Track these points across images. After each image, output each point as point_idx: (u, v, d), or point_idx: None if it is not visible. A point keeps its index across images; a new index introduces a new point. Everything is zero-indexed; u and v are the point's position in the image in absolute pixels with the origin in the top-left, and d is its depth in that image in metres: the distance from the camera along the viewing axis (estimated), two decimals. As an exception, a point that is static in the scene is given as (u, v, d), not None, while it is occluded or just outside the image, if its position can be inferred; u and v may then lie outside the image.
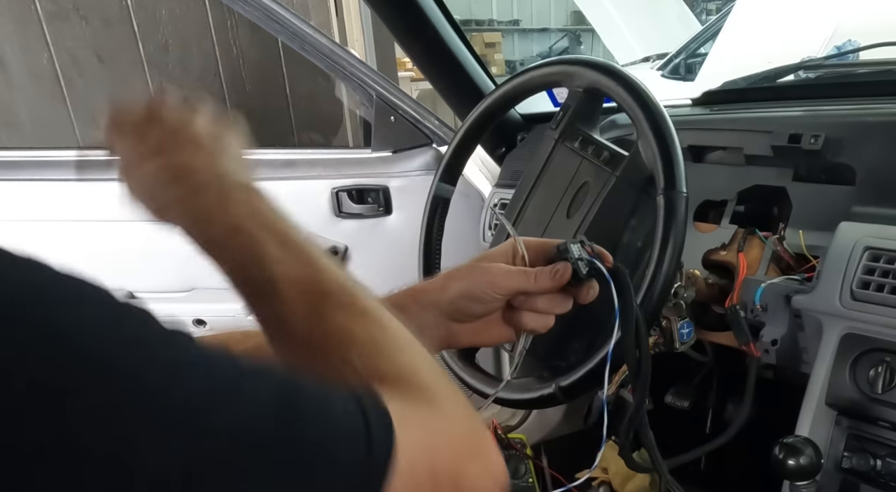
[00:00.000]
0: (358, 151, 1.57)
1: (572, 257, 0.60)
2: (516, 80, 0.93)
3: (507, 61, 9.61)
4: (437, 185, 1.00)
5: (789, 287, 0.89)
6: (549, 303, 0.62)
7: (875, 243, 0.83)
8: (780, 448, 0.75)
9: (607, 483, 1.22)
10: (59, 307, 0.29)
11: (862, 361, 0.81)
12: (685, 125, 1.09)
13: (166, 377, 0.30)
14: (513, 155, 1.40)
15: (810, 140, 0.95)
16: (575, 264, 0.60)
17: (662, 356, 0.95)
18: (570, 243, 0.61)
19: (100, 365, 0.28)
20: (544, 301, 0.62)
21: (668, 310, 0.91)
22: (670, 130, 0.74)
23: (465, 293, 0.60)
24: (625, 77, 0.79)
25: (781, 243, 0.93)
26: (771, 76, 1.40)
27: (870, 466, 0.81)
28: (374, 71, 1.48)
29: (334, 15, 2.88)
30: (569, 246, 0.61)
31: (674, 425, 1.10)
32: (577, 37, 10.56)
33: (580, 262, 0.60)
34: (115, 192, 0.57)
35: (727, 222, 1.03)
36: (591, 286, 0.62)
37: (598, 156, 0.83)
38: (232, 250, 0.48)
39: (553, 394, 0.74)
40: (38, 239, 1.52)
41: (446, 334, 0.62)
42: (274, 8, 1.37)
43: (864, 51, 1.75)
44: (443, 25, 1.27)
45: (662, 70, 4.21)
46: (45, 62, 2.37)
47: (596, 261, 0.61)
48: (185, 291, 1.59)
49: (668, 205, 0.72)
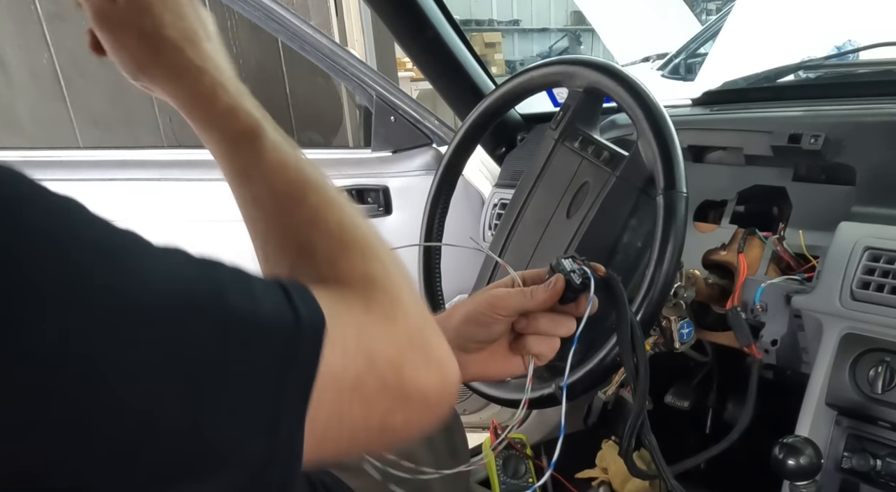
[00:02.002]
0: (358, 151, 1.58)
1: (565, 270, 0.63)
2: (516, 80, 0.93)
3: (507, 61, 9.62)
4: (437, 184, 1.00)
5: (789, 287, 0.89)
6: (552, 324, 0.63)
7: (875, 243, 0.83)
8: (780, 448, 0.75)
9: (607, 483, 1.23)
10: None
11: (862, 361, 0.81)
12: (685, 125, 1.09)
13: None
14: (513, 155, 1.40)
15: (810, 140, 0.95)
16: (568, 276, 0.62)
17: (662, 356, 0.95)
18: (562, 259, 0.64)
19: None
20: (546, 322, 0.63)
21: (668, 310, 0.91)
22: (670, 130, 0.74)
23: (468, 318, 0.62)
24: (625, 77, 0.79)
25: (781, 243, 0.93)
26: (771, 76, 1.40)
27: (870, 466, 0.81)
28: (374, 71, 1.48)
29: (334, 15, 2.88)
30: (560, 260, 0.64)
31: (674, 425, 1.10)
32: (577, 37, 10.57)
33: (573, 273, 0.62)
34: (114, 192, 0.56)
35: (727, 222, 1.03)
36: (587, 297, 0.63)
37: (598, 156, 0.83)
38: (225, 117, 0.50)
39: (553, 394, 0.74)
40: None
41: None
42: (274, 8, 1.37)
43: (864, 51, 1.75)
44: (443, 25, 1.27)
45: (662, 70, 4.22)
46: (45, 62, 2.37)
47: (587, 270, 0.63)
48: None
49: (668, 205, 0.72)
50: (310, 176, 0.48)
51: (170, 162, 1.55)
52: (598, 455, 1.26)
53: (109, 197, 1.52)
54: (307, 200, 0.46)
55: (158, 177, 1.52)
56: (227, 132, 0.50)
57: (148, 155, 1.57)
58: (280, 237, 0.46)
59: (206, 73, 0.51)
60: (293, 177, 0.47)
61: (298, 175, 0.47)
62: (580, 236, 0.81)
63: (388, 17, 1.27)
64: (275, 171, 0.47)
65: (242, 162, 0.49)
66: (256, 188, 0.48)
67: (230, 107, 0.50)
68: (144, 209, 1.52)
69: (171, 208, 1.53)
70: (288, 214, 0.46)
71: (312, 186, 0.47)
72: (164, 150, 1.77)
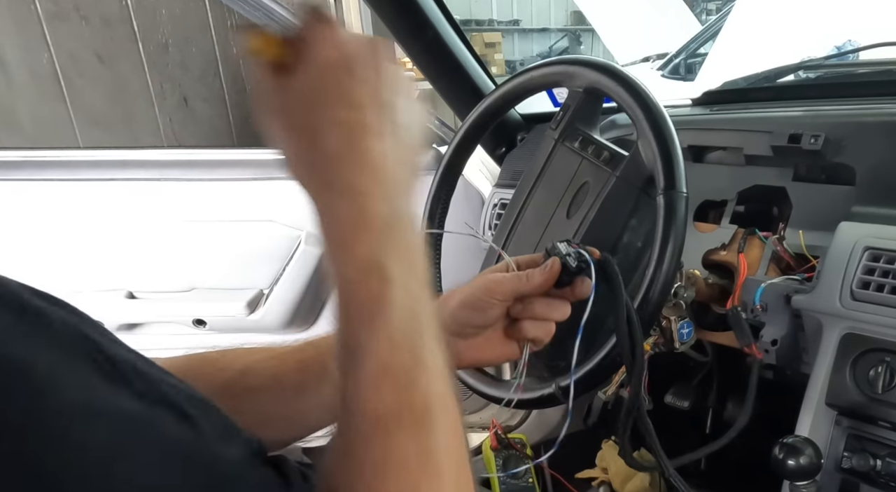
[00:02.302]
0: (358, 151, 1.57)
1: (560, 253, 0.63)
2: (516, 80, 0.93)
3: (507, 61, 9.61)
4: (437, 184, 1.00)
5: (789, 287, 0.89)
6: (547, 308, 0.63)
7: (875, 243, 0.83)
8: (780, 448, 0.75)
9: (607, 483, 1.23)
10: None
11: (862, 361, 0.81)
12: (685, 125, 1.09)
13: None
14: (513, 155, 1.40)
15: (810, 140, 0.95)
16: (563, 259, 0.62)
17: (662, 356, 0.95)
18: (557, 243, 0.64)
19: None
20: (542, 306, 0.63)
21: (668, 310, 0.91)
22: (670, 130, 0.74)
23: (464, 302, 0.62)
24: (625, 77, 0.79)
25: (781, 243, 0.93)
26: (771, 76, 1.40)
27: (870, 466, 0.81)
28: (374, 71, 1.47)
29: (334, 15, 2.88)
30: (556, 245, 0.64)
31: (674, 425, 1.10)
32: (577, 37, 10.57)
33: (568, 257, 0.62)
34: (114, 192, 0.55)
35: (727, 222, 1.03)
36: (583, 280, 0.63)
37: (598, 156, 0.83)
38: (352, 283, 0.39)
39: (553, 394, 0.74)
40: (38, 239, 1.52)
41: (450, 352, 0.63)
42: (274, 8, 1.37)
43: (864, 51, 1.75)
44: (443, 26, 1.27)
45: (662, 70, 4.21)
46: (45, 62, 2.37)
47: (584, 252, 0.63)
48: (185, 291, 1.59)
49: (668, 205, 0.72)
50: (434, 392, 0.37)
51: (170, 162, 1.55)
52: (598, 455, 1.26)
53: (109, 197, 1.52)
54: (419, 428, 0.36)
55: (158, 177, 1.52)
56: (347, 292, 0.39)
57: (148, 155, 1.57)
58: (358, 463, 0.36)
59: (355, 202, 0.39)
60: (406, 384, 0.37)
61: (417, 387, 0.37)
62: (580, 236, 0.81)
63: (388, 17, 1.27)
64: (383, 372, 0.37)
65: (348, 338, 0.38)
66: (352, 382, 0.37)
67: (365, 262, 0.38)
68: (144, 209, 1.52)
69: (171, 208, 1.53)
70: (386, 434, 0.36)
71: (432, 410, 0.37)
72: (164, 150, 1.77)
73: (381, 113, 0.41)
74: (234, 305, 1.54)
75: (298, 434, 0.66)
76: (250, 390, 0.60)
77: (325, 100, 0.40)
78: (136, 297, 1.59)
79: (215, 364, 0.62)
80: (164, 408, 0.30)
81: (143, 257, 1.55)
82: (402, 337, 0.38)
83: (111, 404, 0.28)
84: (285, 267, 1.54)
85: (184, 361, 0.62)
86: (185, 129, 2.46)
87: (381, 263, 0.39)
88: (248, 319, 1.54)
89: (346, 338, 0.38)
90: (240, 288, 1.57)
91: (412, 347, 0.38)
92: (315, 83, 0.41)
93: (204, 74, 2.50)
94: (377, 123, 0.41)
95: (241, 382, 0.60)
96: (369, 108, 0.41)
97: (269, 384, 0.60)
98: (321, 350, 0.62)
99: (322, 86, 0.41)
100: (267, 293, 1.57)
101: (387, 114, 0.42)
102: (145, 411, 0.29)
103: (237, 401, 0.60)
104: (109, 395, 0.29)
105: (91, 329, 0.31)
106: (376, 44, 0.43)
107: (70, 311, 0.32)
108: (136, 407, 0.29)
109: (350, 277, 0.39)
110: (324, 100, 0.40)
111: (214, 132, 2.51)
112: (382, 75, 0.42)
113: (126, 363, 0.31)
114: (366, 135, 0.40)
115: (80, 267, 1.54)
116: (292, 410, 0.61)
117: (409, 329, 0.39)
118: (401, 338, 0.38)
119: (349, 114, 0.40)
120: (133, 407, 0.29)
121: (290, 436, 0.65)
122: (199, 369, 0.62)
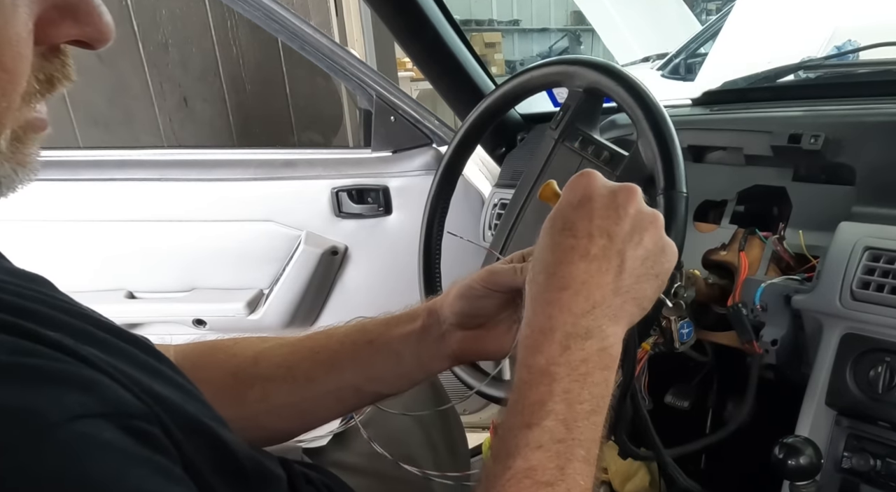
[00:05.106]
0: (358, 150, 1.58)
1: None
2: (516, 80, 0.93)
3: (507, 61, 9.62)
4: (437, 184, 1.00)
5: (789, 287, 0.89)
6: None
7: (875, 243, 0.83)
8: (780, 448, 0.75)
9: (607, 483, 1.22)
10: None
11: (862, 361, 0.81)
12: (685, 125, 1.09)
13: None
14: (513, 155, 1.40)
15: (810, 140, 0.95)
16: None
17: (662, 356, 0.95)
18: None
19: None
20: None
21: (668, 310, 0.91)
22: (670, 130, 0.74)
23: (461, 293, 0.63)
24: (625, 77, 0.79)
25: (781, 243, 0.93)
26: (771, 76, 1.40)
27: (870, 466, 0.81)
28: (374, 71, 1.48)
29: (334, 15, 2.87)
30: None
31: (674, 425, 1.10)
32: (577, 37, 10.56)
33: None
34: (114, 192, 0.55)
35: (727, 222, 1.03)
36: None
37: (598, 156, 0.83)
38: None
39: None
40: (38, 239, 1.52)
41: (452, 343, 0.64)
42: (274, 8, 1.37)
43: (864, 51, 1.75)
44: (443, 25, 1.27)
45: (662, 70, 4.22)
46: (45, 62, 2.37)
47: None
48: (185, 291, 1.59)
49: (668, 205, 0.72)
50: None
51: (170, 162, 1.55)
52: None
53: (109, 197, 1.52)
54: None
55: (158, 177, 1.52)
56: (518, 390, 0.46)
57: (148, 155, 1.57)
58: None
59: (545, 313, 0.48)
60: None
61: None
62: (580, 236, 0.81)
63: (388, 17, 1.27)
64: (524, 473, 0.42)
65: (508, 432, 0.44)
66: (501, 469, 0.43)
67: (539, 369, 0.46)
68: (144, 209, 1.53)
69: (171, 208, 1.53)
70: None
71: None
72: (164, 150, 1.77)
73: (602, 242, 0.49)
74: (233, 305, 1.55)
75: (307, 425, 0.66)
76: (260, 379, 0.61)
77: (553, 227, 0.51)
78: (136, 297, 1.59)
79: (227, 351, 0.64)
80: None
81: (144, 257, 1.56)
82: (552, 445, 0.43)
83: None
84: (285, 267, 1.54)
85: (196, 348, 0.63)
86: (185, 129, 2.46)
87: (552, 373, 0.45)
88: (248, 319, 1.55)
89: (507, 430, 0.44)
90: (240, 288, 1.57)
91: (560, 461, 0.43)
92: (553, 214, 0.52)
93: (204, 74, 2.50)
94: (592, 249, 0.49)
95: (252, 369, 0.62)
96: (587, 237, 0.49)
97: (280, 373, 0.62)
98: (333, 339, 0.63)
99: (556, 216, 0.51)
100: (267, 293, 1.57)
101: (615, 246, 0.49)
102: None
103: (247, 388, 0.61)
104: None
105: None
106: (617, 190, 0.51)
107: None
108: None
109: (523, 378, 0.46)
110: (553, 226, 0.51)
111: (214, 132, 2.52)
112: (617, 213, 0.50)
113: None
114: (574, 258, 0.49)
115: (80, 267, 1.54)
116: (302, 399, 0.62)
117: (562, 439, 0.44)
118: (551, 445, 0.43)
119: (566, 239, 0.49)
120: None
121: (298, 426, 0.65)
122: (210, 355, 0.63)
